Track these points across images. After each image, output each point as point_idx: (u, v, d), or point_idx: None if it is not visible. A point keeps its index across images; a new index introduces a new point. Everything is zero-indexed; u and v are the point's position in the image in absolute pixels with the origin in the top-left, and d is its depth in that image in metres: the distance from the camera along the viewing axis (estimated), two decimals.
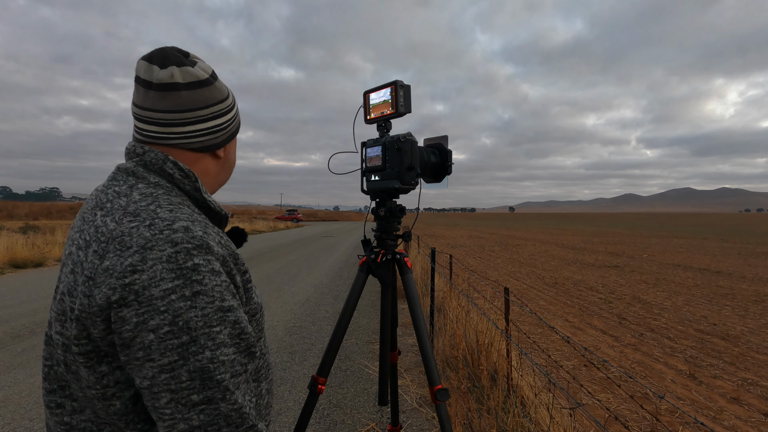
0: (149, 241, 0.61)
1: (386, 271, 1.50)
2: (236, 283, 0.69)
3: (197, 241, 0.64)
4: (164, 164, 0.73)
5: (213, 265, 0.64)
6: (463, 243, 22.83)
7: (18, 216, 33.97)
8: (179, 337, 0.59)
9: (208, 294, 0.62)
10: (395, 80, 1.38)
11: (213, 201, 0.79)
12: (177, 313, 0.59)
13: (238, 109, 0.87)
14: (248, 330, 0.67)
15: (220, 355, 0.61)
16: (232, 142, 0.87)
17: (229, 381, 0.62)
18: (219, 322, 0.62)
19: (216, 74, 0.81)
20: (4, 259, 9.90)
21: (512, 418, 2.51)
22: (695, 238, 27.02)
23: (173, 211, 0.67)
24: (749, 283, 10.18)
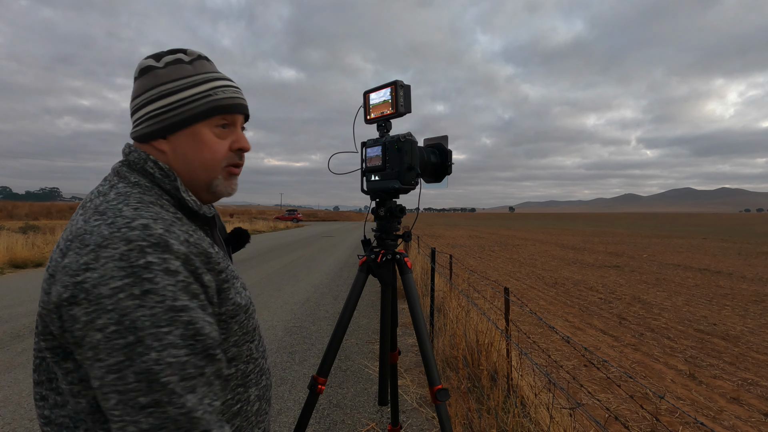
0: (105, 239, 0.61)
1: (386, 271, 1.50)
2: (203, 282, 0.66)
3: (154, 239, 0.62)
4: (145, 164, 0.74)
5: (169, 264, 0.61)
6: (463, 243, 22.83)
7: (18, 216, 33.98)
8: (125, 337, 0.57)
9: (158, 293, 0.59)
10: (395, 80, 1.38)
11: (193, 200, 0.76)
12: (124, 312, 0.57)
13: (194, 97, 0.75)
14: (205, 332, 0.63)
15: (167, 356, 0.58)
16: (187, 135, 0.75)
17: (177, 384, 0.59)
18: (169, 323, 0.59)
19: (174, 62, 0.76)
20: (4, 259, 9.91)
21: (512, 418, 2.51)
22: (695, 238, 27.02)
23: (138, 209, 0.66)
24: (749, 283, 10.17)
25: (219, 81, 0.78)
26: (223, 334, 0.72)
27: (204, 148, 0.76)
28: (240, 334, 0.75)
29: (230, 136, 0.79)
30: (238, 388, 0.76)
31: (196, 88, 0.76)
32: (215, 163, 0.77)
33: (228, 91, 0.78)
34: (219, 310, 0.71)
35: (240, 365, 0.76)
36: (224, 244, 0.88)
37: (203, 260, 0.68)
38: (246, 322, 0.77)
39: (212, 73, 0.79)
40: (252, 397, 0.78)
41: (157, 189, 0.74)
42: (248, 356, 0.78)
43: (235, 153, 0.80)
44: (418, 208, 1.50)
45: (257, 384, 0.80)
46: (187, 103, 0.75)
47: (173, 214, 0.71)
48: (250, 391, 0.78)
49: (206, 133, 0.76)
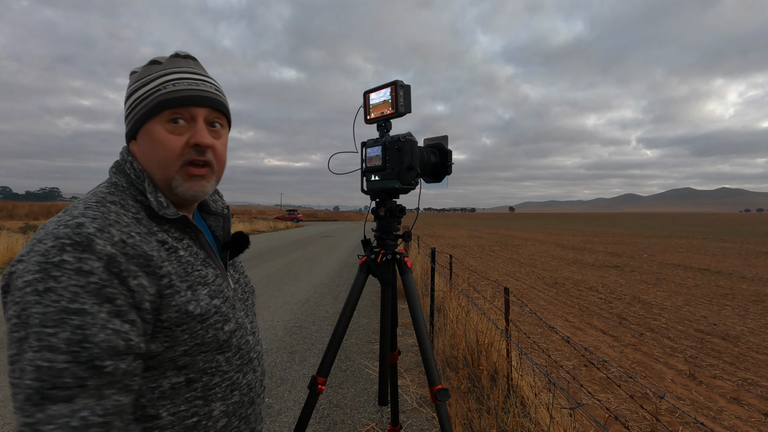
0: (45, 234, 0.62)
1: (386, 271, 1.50)
2: (129, 286, 0.63)
3: (79, 237, 0.61)
4: (125, 165, 0.76)
5: (83, 264, 0.60)
6: (463, 243, 22.83)
7: (18, 216, 33.98)
8: (19, 332, 0.57)
9: (57, 292, 0.58)
10: (395, 80, 1.38)
11: (157, 202, 0.73)
12: (24, 306, 0.58)
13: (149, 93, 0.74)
14: (97, 340, 0.58)
15: (38, 359, 0.56)
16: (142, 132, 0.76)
17: (35, 391, 0.55)
18: (56, 324, 0.57)
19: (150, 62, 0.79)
20: (4, 259, 9.91)
21: (512, 418, 2.51)
22: (695, 238, 27.03)
23: (89, 208, 0.66)
24: (749, 283, 10.17)
25: (173, 75, 0.75)
26: (166, 342, 0.69)
27: (156, 145, 0.74)
28: (192, 344, 0.71)
29: (188, 132, 0.75)
30: (196, 400, 0.73)
31: (148, 85, 0.74)
32: (168, 161, 0.74)
33: (181, 83, 0.74)
34: (159, 317, 0.68)
35: (194, 375, 0.72)
36: (214, 249, 0.85)
37: (139, 263, 0.65)
38: (202, 332, 0.72)
39: (171, 68, 0.76)
40: (216, 412, 0.75)
41: (132, 189, 0.74)
42: (213, 368, 0.75)
43: (193, 149, 0.75)
44: (418, 208, 1.50)
45: (225, 399, 0.76)
46: (141, 102, 0.74)
47: (133, 215, 0.70)
48: (214, 406, 0.74)
49: (158, 130, 0.74)
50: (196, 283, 0.74)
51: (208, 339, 0.73)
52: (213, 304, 0.75)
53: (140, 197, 0.74)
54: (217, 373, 0.75)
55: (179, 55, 0.80)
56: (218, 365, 0.76)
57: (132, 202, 0.73)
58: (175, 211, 0.75)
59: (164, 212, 0.73)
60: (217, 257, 0.84)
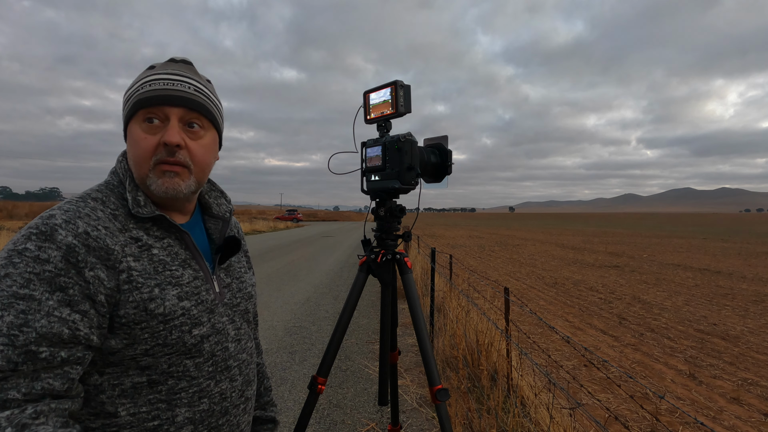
0: (26, 227, 0.66)
1: (386, 271, 1.50)
2: (84, 277, 0.64)
3: (44, 227, 0.64)
4: (117, 165, 0.81)
5: (43, 252, 0.63)
6: (463, 243, 22.83)
7: (18, 216, 33.97)
8: None
9: (11, 277, 0.61)
10: (395, 80, 1.37)
11: (133, 200, 0.74)
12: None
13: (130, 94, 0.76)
14: (35, 326, 0.60)
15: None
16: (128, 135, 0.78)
17: None
18: (3, 308, 0.60)
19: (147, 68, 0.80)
20: None
21: (512, 418, 2.51)
22: (695, 238, 27.03)
23: (69, 203, 0.70)
24: (749, 283, 10.18)
25: (152, 76, 0.76)
26: (125, 339, 0.69)
27: (133, 145, 0.76)
28: (152, 344, 0.70)
29: (161, 132, 0.75)
30: (159, 403, 0.72)
31: (132, 88, 0.77)
32: (141, 160, 0.74)
33: (156, 83, 0.75)
34: (116, 312, 0.68)
35: (157, 377, 0.71)
36: (205, 251, 0.84)
37: (99, 255, 0.67)
38: (164, 333, 0.71)
39: (154, 70, 0.77)
40: (180, 418, 0.73)
41: (121, 188, 0.77)
42: (180, 372, 0.73)
43: (164, 149, 0.74)
44: (418, 208, 1.50)
45: (191, 406, 0.74)
46: (125, 104, 0.78)
47: (112, 211, 0.73)
48: (177, 411, 0.73)
49: (135, 130, 0.75)
50: (166, 282, 0.73)
51: (172, 341, 0.72)
52: (181, 305, 0.74)
53: (126, 195, 0.76)
54: (183, 378, 0.74)
55: (174, 60, 0.81)
56: (186, 370, 0.74)
57: (114, 200, 0.75)
58: (150, 210, 0.75)
59: (137, 210, 0.74)
60: (203, 260, 0.82)
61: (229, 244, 0.87)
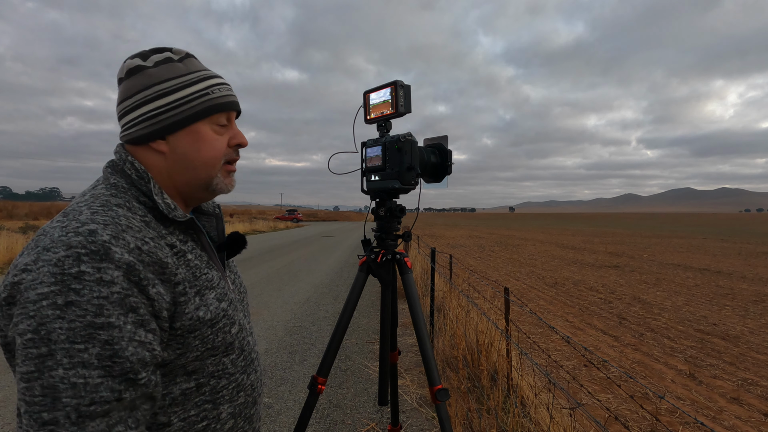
0: (52, 242, 0.59)
1: (386, 271, 1.50)
2: (148, 295, 0.62)
3: (95, 246, 0.58)
4: (124, 165, 0.73)
5: (104, 274, 0.58)
6: (463, 243, 22.83)
7: (18, 216, 33.97)
8: (39, 348, 0.54)
9: (81, 306, 0.56)
10: (395, 80, 1.37)
11: (164, 203, 0.72)
12: (42, 321, 0.55)
13: (191, 96, 0.75)
14: (126, 354, 0.58)
15: (73, 376, 0.54)
16: (187, 134, 0.75)
17: (73, 409, 0.54)
18: (85, 340, 0.55)
19: (164, 61, 0.74)
20: (4, 259, 9.90)
21: (512, 418, 2.51)
22: (695, 238, 27.03)
23: (96, 213, 0.63)
24: (749, 283, 10.18)
25: (214, 79, 0.78)
26: (179, 349, 0.68)
27: (204, 146, 0.76)
28: (203, 349, 0.71)
29: (227, 133, 0.79)
30: (205, 404, 0.73)
31: (193, 87, 0.75)
32: (216, 161, 0.77)
33: (224, 89, 0.79)
34: (172, 325, 0.67)
35: (203, 379, 0.73)
36: (214, 250, 0.84)
37: (155, 270, 0.64)
38: (212, 336, 0.72)
39: (205, 71, 0.79)
40: (223, 415, 0.75)
41: (134, 191, 0.72)
42: (220, 371, 0.75)
43: (233, 149, 0.80)
44: (418, 208, 1.50)
45: (231, 401, 0.77)
46: (186, 102, 0.74)
47: (141, 218, 0.69)
48: (222, 408, 0.75)
49: (207, 131, 0.76)
50: (204, 287, 0.73)
51: (218, 343, 0.74)
52: (221, 307, 0.75)
53: (143, 198, 0.72)
54: (224, 376, 0.76)
55: (190, 56, 0.79)
56: (224, 368, 0.76)
57: (137, 204, 0.71)
58: (183, 213, 0.74)
59: (174, 215, 0.72)
60: (217, 258, 0.83)
61: (235, 241, 0.88)
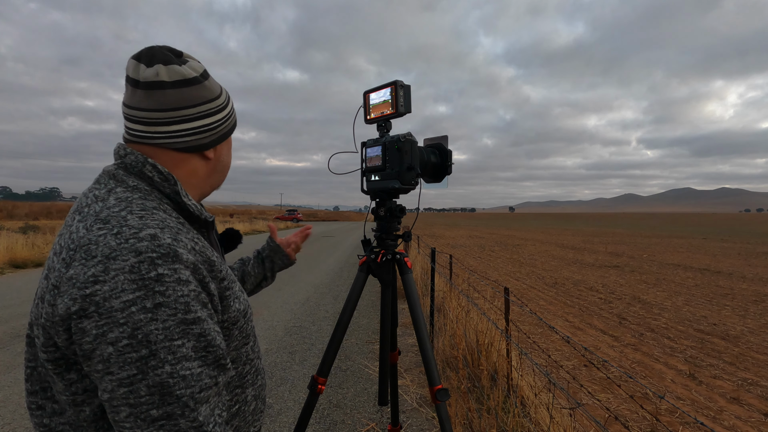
0: (114, 250, 0.59)
1: (386, 271, 1.50)
2: (209, 291, 0.67)
3: (163, 249, 0.61)
4: (143, 167, 0.72)
5: (180, 274, 0.62)
6: (463, 243, 22.83)
7: (18, 216, 33.97)
8: (138, 351, 0.57)
9: (170, 306, 0.59)
10: (395, 80, 1.37)
11: (194, 205, 0.76)
12: (137, 325, 0.57)
13: (233, 110, 0.85)
14: (216, 342, 0.64)
15: (181, 369, 0.59)
16: (225, 143, 0.84)
17: (189, 397, 0.60)
18: (181, 335, 0.60)
19: (207, 73, 0.79)
20: (4, 259, 9.90)
21: (512, 418, 2.51)
22: (695, 238, 27.02)
23: (143, 218, 0.65)
24: (749, 283, 10.17)
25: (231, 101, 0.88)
26: (226, 340, 0.72)
27: (227, 158, 0.87)
28: (240, 338, 0.76)
29: None
30: (236, 389, 0.77)
31: (228, 107, 0.84)
32: (227, 171, 0.88)
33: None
34: (222, 318, 0.71)
35: (239, 367, 0.77)
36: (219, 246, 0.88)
37: (208, 268, 0.69)
38: (245, 326, 0.78)
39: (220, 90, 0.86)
40: (249, 397, 0.80)
41: (156, 193, 0.72)
42: (246, 358, 0.79)
43: None
44: (418, 208, 1.50)
45: (253, 384, 0.81)
46: (230, 118, 0.84)
47: (176, 220, 0.70)
48: (248, 392, 0.79)
49: (227, 148, 0.86)
50: (232, 281, 0.77)
51: (248, 332, 0.80)
52: (245, 299, 0.80)
53: (165, 200, 0.73)
54: (248, 362, 0.80)
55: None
56: (248, 354, 0.80)
57: (167, 206, 0.72)
58: (210, 213, 0.80)
59: (205, 216, 0.78)
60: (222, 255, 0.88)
61: (230, 237, 0.93)
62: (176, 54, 0.76)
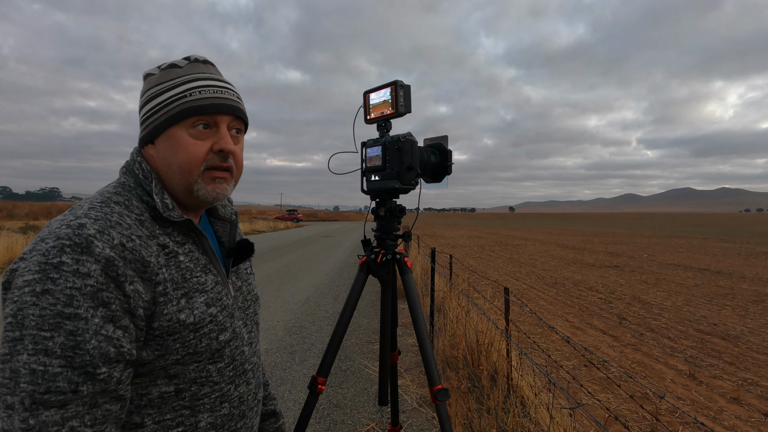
0: (49, 233, 0.62)
1: (386, 271, 1.50)
2: (124, 291, 0.63)
3: (78, 239, 0.60)
4: (134, 165, 0.76)
5: (82, 266, 0.59)
6: (463, 243, 22.83)
7: (18, 216, 33.97)
8: (13, 332, 0.57)
9: (54, 295, 0.57)
10: (395, 80, 1.37)
11: (163, 204, 0.72)
12: (21, 306, 0.57)
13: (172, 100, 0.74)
14: (89, 346, 0.58)
15: (33, 362, 0.56)
16: (166, 139, 0.74)
17: (28, 395, 0.55)
18: (52, 328, 0.57)
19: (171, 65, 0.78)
20: (4, 258, 9.91)
21: (512, 418, 2.51)
22: (695, 238, 27.02)
23: (92, 209, 0.66)
24: (749, 283, 10.17)
25: (198, 81, 0.76)
26: (157, 351, 0.68)
27: (179, 150, 0.74)
28: (183, 353, 0.70)
29: (211, 138, 0.75)
30: (183, 410, 0.72)
31: (173, 91, 0.74)
32: (191, 166, 0.74)
33: (207, 91, 0.75)
34: (150, 324, 0.67)
35: (184, 385, 0.71)
36: (218, 255, 0.83)
37: (136, 268, 0.65)
38: (194, 341, 0.71)
39: (195, 74, 0.76)
40: (202, 423, 0.74)
41: (139, 190, 0.74)
42: (203, 378, 0.74)
43: (217, 155, 0.76)
44: (418, 208, 1.50)
45: (213, 411, 0.75)
46: (164, 106, 0.74)
47: (137, 216, 0.70)
48: (201, 417, 0.73)
49: (181, 135, 0.74)
50: (193, 290, 0.73)
51: (202, 348, 0.72)
52: (209, 312, 0.74)
53: (146, 198, 0.73)
54: (207, 384, 0.74)
55: (198, 60, 0.79)
56: (209, 375, 0.74)
57: (137, 203, 0.72)
58: (179, 214, 0.74)
59: (168, 214, 0.72)
60: (220, 264, 0.82)
61: (243, 247, 0.88)
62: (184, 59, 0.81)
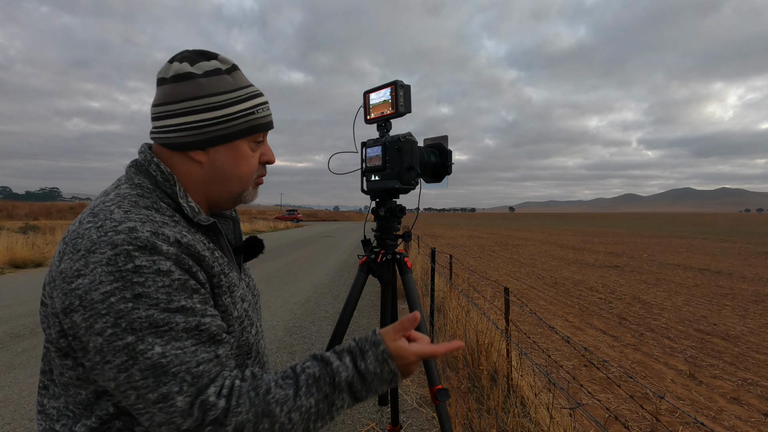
0: (94, 243, 0.61)
1: (386, 271, 1.50)
2: (199, 279, 0.67)
3: (140, 242, 0.62)
4: (149, 166, 0.74)
5: (160, 265, 0.62)
6: (463, 243, 22.82)
7: (18, 216, 33.97)
8: (124, 338, 0.59)
9: (149, 297, 0.60)
10: (395, 80, 1.37)
11: (189, 207, 0.73)
12: (119, 315, 0.59)
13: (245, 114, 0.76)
14: (206, 322, 0.65)
15: (172, 349, 0.60)
16: (225, 148, 0.76)
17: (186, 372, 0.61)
18: (167, 322, 0.61)
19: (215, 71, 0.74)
20: (4, 259, 9.90)
21: (512, 418, 2.51)
22: (695, 238, 27.02)
23: (129, 212, 0.65)
24: (749, 283, 10.17)
25: (259, 98, 0.80)
26: None
27: (242, 162, 0.78)
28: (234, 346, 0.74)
29: (260, 150, 0.82)
30: None
31: (241, 105, 0.76)
32: (250, 176, 0.80)
33: (266, 108, 0.81)
34: None
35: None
36: (232, 252, 0.85)
37: (196, 260, 0.68)
38: (238, 334, 0.75)
39: (251, 88, 0.79)
40: None
41: (158, 192, 0.73)
42: None
43: (263, 166, 0.84)
44: (418, 208, 1.50)
45: None
46: (233, 119, 0.75)
47: (170, 217, 0.70)
48: None
49: (245, 148, 0.78)
50: (233, 285, 0.76)
51: (243, 342, 0.77)
52: (243, 307, 0.78)
53: (167, 200, 0.73)
54: None
55: (237, 68, 0.79)
56: None
57: (163, 205, 0.72)
58: (207, 217, 0.75)
59: (198, 219, 0.73)
60: (234, 261, 0.84)
61: (253, 244, 0.90)
62: (201, 54, 0.76)
